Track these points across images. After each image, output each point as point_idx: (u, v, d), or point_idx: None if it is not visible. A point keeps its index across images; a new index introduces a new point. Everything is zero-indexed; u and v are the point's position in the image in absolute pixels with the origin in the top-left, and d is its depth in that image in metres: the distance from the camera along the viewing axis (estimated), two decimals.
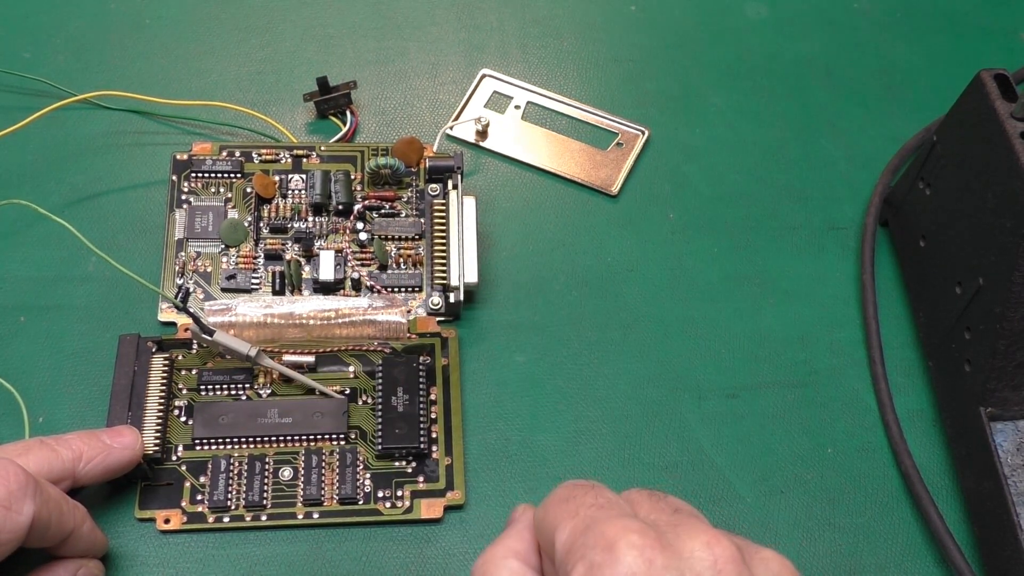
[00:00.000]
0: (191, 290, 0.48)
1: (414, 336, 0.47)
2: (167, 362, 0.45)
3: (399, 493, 0.44)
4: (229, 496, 0.43)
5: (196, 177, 0.51)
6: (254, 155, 0.51)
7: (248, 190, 0.50)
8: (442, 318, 0.48)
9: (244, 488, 0.43)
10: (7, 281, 0.49)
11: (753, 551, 0.31)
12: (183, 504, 0.43)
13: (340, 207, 0.50)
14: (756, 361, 0.49)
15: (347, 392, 0.46)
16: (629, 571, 0.29)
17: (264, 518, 0.43)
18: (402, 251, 0.50)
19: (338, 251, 0.49)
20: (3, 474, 0.35)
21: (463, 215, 0.49)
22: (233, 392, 0.45)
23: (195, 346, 0.46)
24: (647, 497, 0.33)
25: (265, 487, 0.43)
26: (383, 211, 0.50)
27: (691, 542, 0.30)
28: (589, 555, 0.30)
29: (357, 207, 0.50)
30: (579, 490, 0.33)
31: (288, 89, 0.56)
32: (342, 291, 0.49)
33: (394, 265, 0.49)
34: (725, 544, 0.30)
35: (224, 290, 0.48)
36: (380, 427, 0.44)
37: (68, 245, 0.49)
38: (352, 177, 0.51)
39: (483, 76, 0.57)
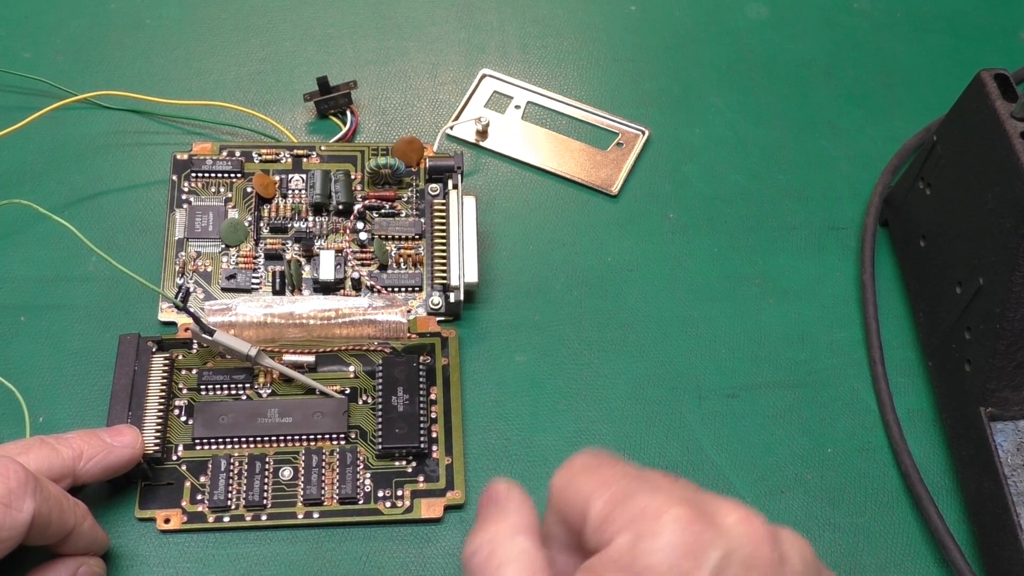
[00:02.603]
0: (191, 290, 0.48)
1: (414, 336, 0.47)
2: (167, 362, 0.45)
3: (399, 493, 0.44)
4: (229, 496, 0.43)
5: (196, 177, 0.51)
6: (254, 155, 0.51)
7: (248, 190, 0.50)
8: (442, 318, 0.48)
9: (244, 488, 0.43)
10: (7, 281, 0.49)
11: (777, 529, 0.33)
12: (183, 504, 0.43)
13: (340, 207, 0.50)
14: (756, 361, 0.49)
15: (347, 392, 0.46)
16: (678, 540, 0.30)
17: (264, 518, 0.43)
18: (402, 251, 0.50)
19: (338, 251, 0.49)
20: (3, 472, 0.35)
21: (463, 215, 0.49)
22: (233, 392, 0.45)
23: (195, 346, 0.46)
24: (663, 475, 0.34)
25: (265, 487, 0.43)
26: (383, 211, 0.50)
27: (727, 518, 0.31)
28: (636, 525, 0.31)
29: (357, 207, 0.50)
30: (604, 460, 0.34)
31: (288, 89, 0.56)
32: (342, 291, 0.49)
33: (394, 265, 0.49)
34: (758, 522, 0.31)
35: (224, 290, 0.48)
36: (380, 427, 0.44)
37: (68, 245, 0.49)
38: (352, 177, 0.51)
39: (483, 76, 0.57)
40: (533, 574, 0.32)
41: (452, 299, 0.47)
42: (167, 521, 0.43)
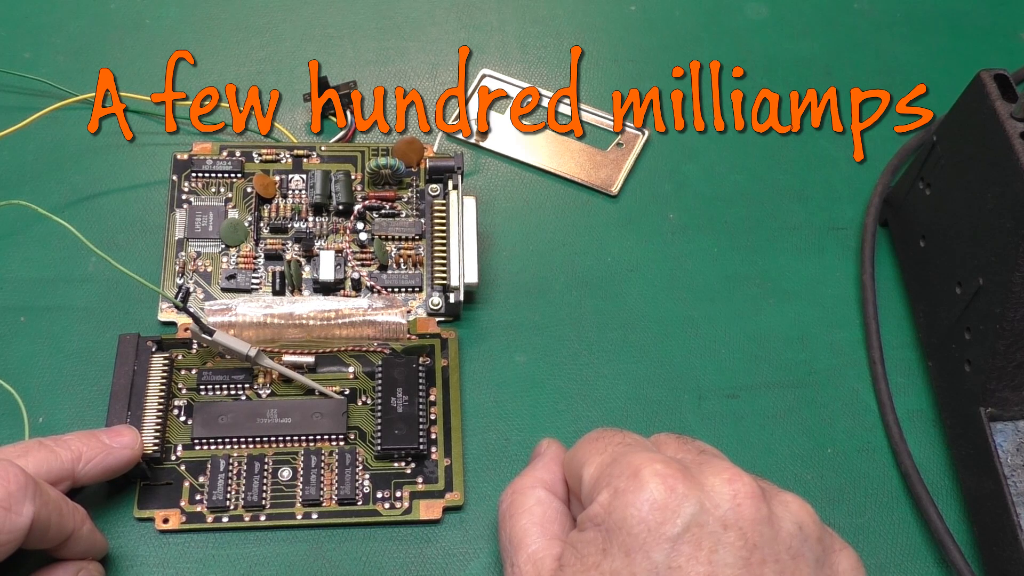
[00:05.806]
0: (191, 290, 0.48)
1: (414, 337, 0.47)
2: (167, 362, 0.45)
3: (398, 494, 0.44)
4: (228, 496, 0.43)
5: (196, 177, 0.51)
6: (254, 155, 0.51)
7: (248, 190, 0.50)
8: (442, 319, 0.48)
9: (243, 488, 0.43)
10: (7, 281, 0.49)
11: (774, 492, 0.34)
12: (182, 504, 0.43)
13: (340, 207, 0.50)
14: (756, 361, 0.49)
15: (347, 393, 0.46)
16: (651, 496, 0.31)
17: (263, 518, 0.43)
18: (402, 251, 0.50)
19: (338, 251, 0.49)
20: (3, 475, 0.35)
21: (463, 215, 0.49)
22: (233, 392, 0.45)
23: (195, 346, 0.46)
24: (675, 439, 0.36)
25: (264, 487, 0.43)
26: (383, 211, 0.50)
27: (713, 477, 0.32)
28: (614, 482, 0.32)
29: (357, 207, 0.50)
30: (608, 432, 0.36)
31: (288, 89, 0.56)
32: (342, 291, 0.49)
33: (394, 265, 0.49)
34: (746, 480, 0.32)
35: (224, 290, 0.48)
36: (379, 428, 0.44)
37: (68, 245, 0.49)
38: (352, 177, 0.51)
39: (483, 76, 0.57)
40: (543, 523, 0.34)
41: (452, 300, 0.47)
42: (166, 521, 0.43)
